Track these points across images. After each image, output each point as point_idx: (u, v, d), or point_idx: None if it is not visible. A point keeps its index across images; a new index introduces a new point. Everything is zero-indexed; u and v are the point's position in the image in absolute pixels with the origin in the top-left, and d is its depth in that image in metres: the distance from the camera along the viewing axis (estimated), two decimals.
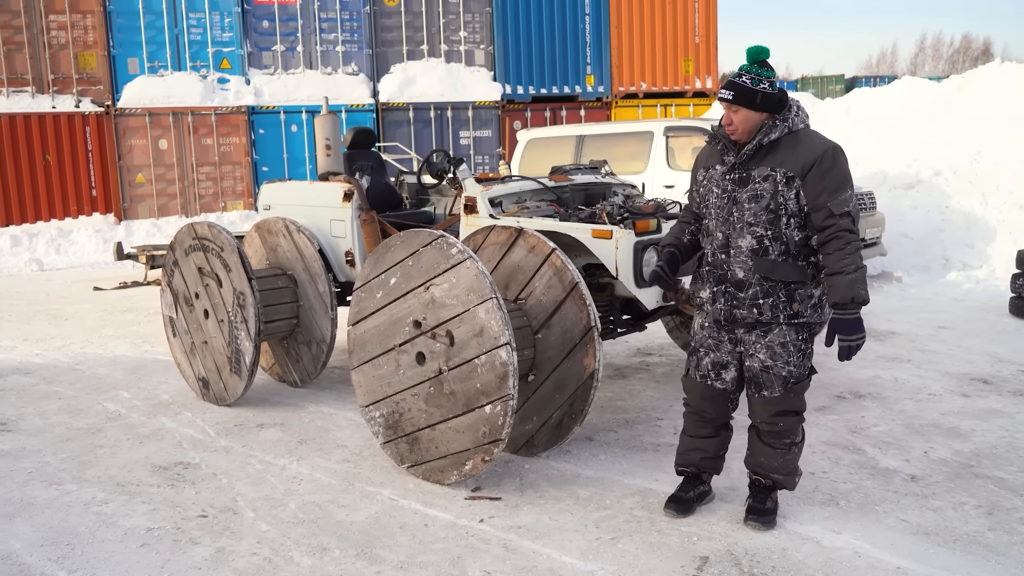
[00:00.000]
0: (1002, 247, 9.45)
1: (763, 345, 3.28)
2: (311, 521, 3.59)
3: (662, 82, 16.65)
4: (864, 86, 29.62)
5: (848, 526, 3.39)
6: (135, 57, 14.49)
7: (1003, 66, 12.55)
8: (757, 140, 3.20)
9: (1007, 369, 5.67)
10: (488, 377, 3.61)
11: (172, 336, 5.67)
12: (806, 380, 3.33)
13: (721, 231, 3.30)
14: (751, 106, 3.18)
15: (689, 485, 3.58)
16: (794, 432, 3.36)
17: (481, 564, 3.16)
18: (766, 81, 3.20)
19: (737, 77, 3.23)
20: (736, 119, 3.21)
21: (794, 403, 3.31)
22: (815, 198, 3.12)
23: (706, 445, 3.52)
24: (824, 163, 3.12)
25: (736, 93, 3.19)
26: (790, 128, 3.20)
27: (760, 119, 3.21)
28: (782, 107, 3.22)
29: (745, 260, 3.24)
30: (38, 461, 4.43)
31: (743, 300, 3.26)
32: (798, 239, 3.20)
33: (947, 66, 56.65)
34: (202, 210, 14.68)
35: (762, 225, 3.20)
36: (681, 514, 3.49)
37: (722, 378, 3.41)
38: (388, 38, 15.58)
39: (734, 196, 3.25)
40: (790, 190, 3.15)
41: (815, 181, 3.12)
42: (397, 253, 3.98)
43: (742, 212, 3.23)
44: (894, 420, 4.67)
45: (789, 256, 3.22)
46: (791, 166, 3.15)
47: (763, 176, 3.19)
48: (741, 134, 3.23)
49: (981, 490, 3.72)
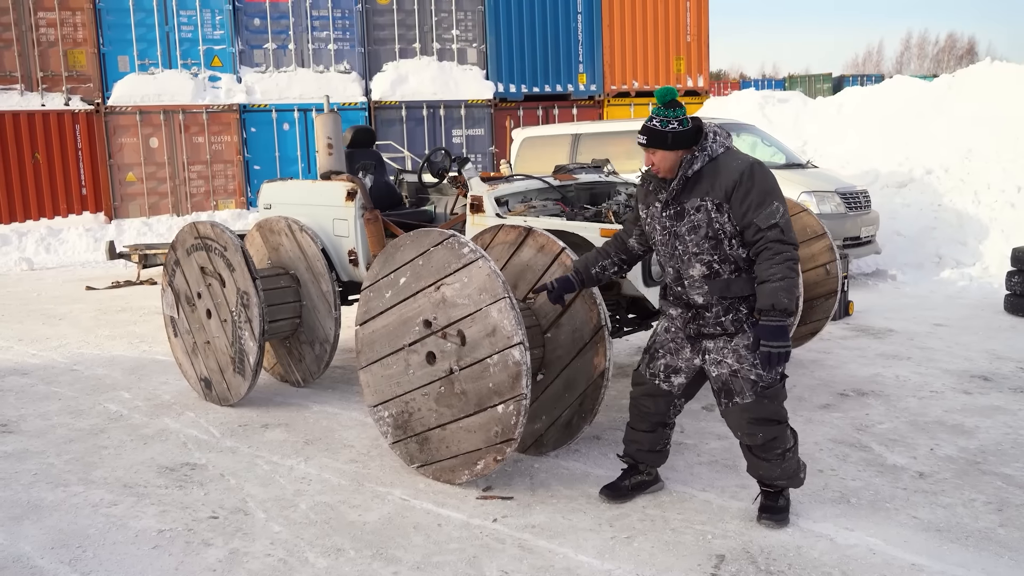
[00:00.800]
0: (995, 245, 9.53)
1: (730, 350, 3.34)
2: (323, 522, 3.57)
3: (654, 81, 16.68)
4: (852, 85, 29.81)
5: (860, 523, 3.41)
6: (125, 55, 14.38)
7: (993, 65, 12.64)
8: (681, 175, 3.30)
9: (1006, 366, 5.71)
10: (501, 376, 3.61)
11: (173, 336, 5.64)
12: (778, 386, 3.34)
13: (671, 266, 3.43)
14: (664, 147, 3.29)
15: (627, 474, 3.72)
16: (782, 440, 3.36)
17: (498, 564, 3.16)
18: (675, 120, 3.29)
19: (649, 121, 3.35)
20: (656, 160, 3.33)
21: (769, 410, 3.32)
22: (742, 217, 3.21)
23: (642, 439, 3.63)
24: (744, 183, 3.21)
25: (649, 137, 3.32)
26: (710, 155, 3.30)
27: (678, 156, 3.31)
28: (699, 138, 3.30)
29: (700, 286, 3.35)
30: (42, 462, 4.39)
31: (708, 320, 3.36)
32: (744, 256, 3.29)
33: (932, 65, 57.06)
34: (193, 209, 14.59)
35: (707, 252, 3.30)
36: (614, 500, 3.64)
37: (671, 381, 3.51)
38: (380, 36, 15.54)
39: (674, 231, 3.36)
40: (722, 215, 3.25)
41: (739, 202, 3.21)
42: (407, 252, 3.97)
43: (685, 245, 3.33)
44: (898, 417, 4.70)
45: (740, 272, 3.31)
46: (717, 192, 3.24)
47: (695, 207, 3.29)
48: (665, 172, 3.34)
49: (989, 487, 3.75)
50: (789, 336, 3.19)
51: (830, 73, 37.99)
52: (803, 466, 3.51)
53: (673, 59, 16.66)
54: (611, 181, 5.48)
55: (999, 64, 12.59)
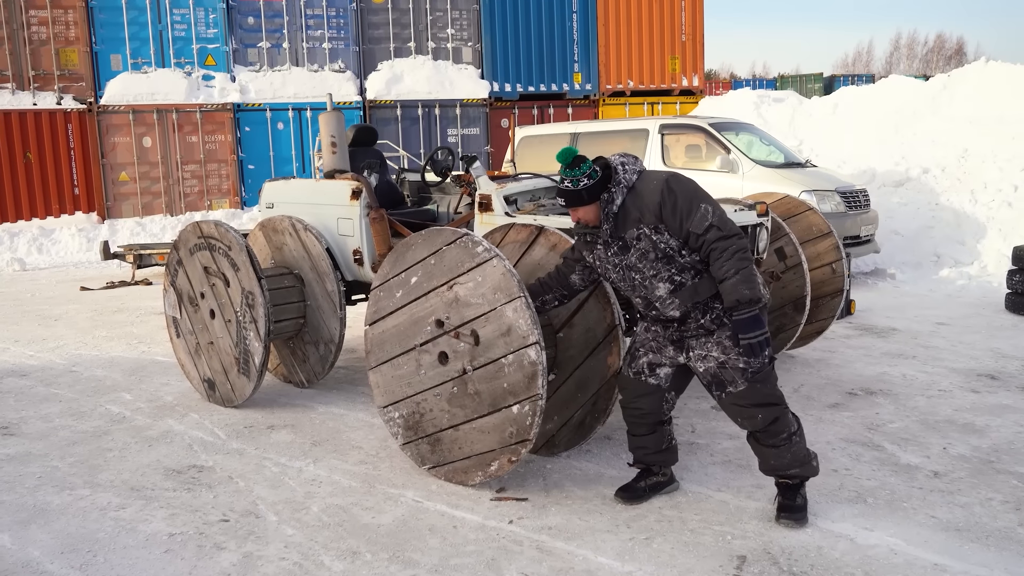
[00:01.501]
0: (992, 244, 9.56)
1: (713, 343, 3.36)
2: (337, 524, 3.53)
3: (649, 80, 16.68)
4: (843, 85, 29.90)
5: (879, 523, 3.39)
6: (118, 54, 14.26)
7: (987, 65, 12.68)
8: (606, 215, 3.36)
9: (1012, 365, 5.72)
10: (516, 377, 3.57)
11: (176, 337, 5.57)
12: (767, 368, 3.35)
13: (638, 297, 3.46)
14: (583, 203, 3.39)
15: (641, 476, 3.71)
16: (784, 424, 3.37)
17: (517, 566, 3.12)
18: (584, 177, 3.36)
19: (561, 183, 3.40)
20: (580, 215, 3.41)
21: (763, 393, 3.34)
22: (679, 231, 3.27)
23: (646, 442, 3.63)
24: (667, 199, 3.27)
25: (567, 199, 3.41)
26: (627, 186, 3.36)
27: (595, 209, 3.37)
28: (609, 179, 3.35)
29: (671, 301, 3.37)
30: (46, 465, 4.33)
31: (689, 327, 3.39)
32: (699, 258, 3.33)
33: (921, 65, 57.34)
34: (187, 209, 14.49)
35: (664, 270, 3.34)
36: (629, 502, 3.63)
37: (656, 374, 3.52)
38: (375, 35, 15.47)
39: (625, 264, 3.40)
40: (662, 235, 3.30)
41: (670, 217, 3.27)
42: (418, 252, 3.93)
43: (642, 272, 3.38)
44: (908, 416, 4.69)
45: (700, 274, 3.34)
46: (647, 217, 3.30)
47: (634, 237, 3.35)
48: (595, 221, 3.41)
49: (1005, 485, 3.74)
50: (764, 322, 3.24)
51: (821, 73, 38.09)
52: (813, 455, 3.49)
53: (668, 58, 16.66)
54: None
55: (993, 64, 12.65)
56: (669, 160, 9.38)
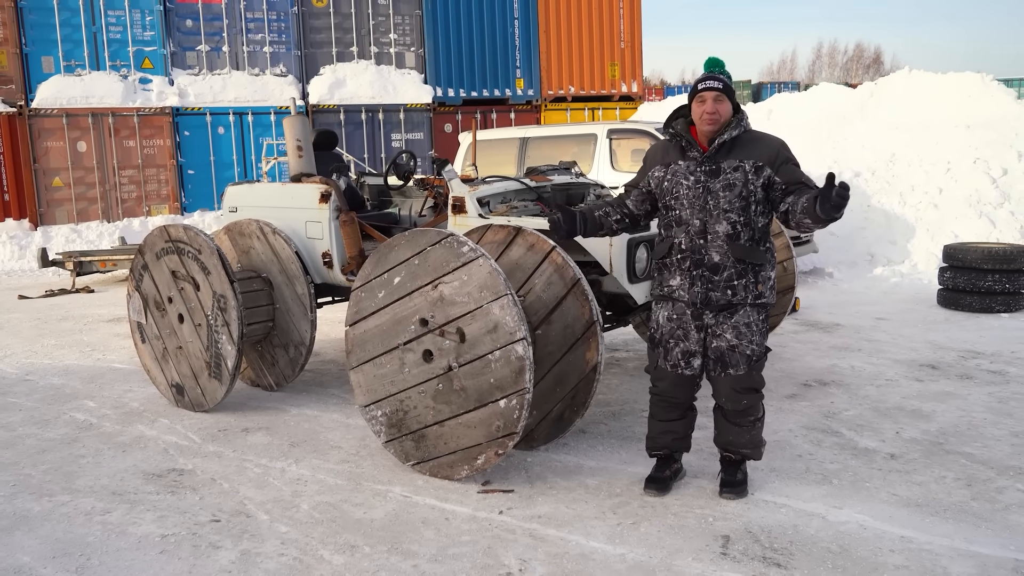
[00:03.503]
0: (921, 243, 10.08)
1: (729, 326, 3.57)
2: (330, 520, 3.59)
3: (589, 86, 16.98)
4: (771, 92, 30.90)
5: (847, 502, 3.62)
6: (50, 55, 13.84)
7: (911, 74, 13.34)
8: (726, 135, 3.53)
9: (948, 355, 6.09)
10: (503, 372, 3.69)
11: (140, 342, 5.51)
12: (764, 358, 3.64)
13: (698, 218, 3.58)
14: (731, 99, 3.56)
15: (664, 465, 3.85)
16: (756, 409, 3.66)
17: (514, 552, 3.24)
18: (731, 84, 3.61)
19: (713, 75, 3.57)
20: (721, 109, 3.54)
21: (755, 380, 3.61)
22: (790, 175, 3.50)
23: (676, 427, 3.79)
24: (783, 153, 3.56)
25: (724, 85, 3.55)
26: (745, 128, 3.59)
27: (731, 114, 3.57)
28: (738, 110, 3.60)
29: (721, 244, 3.54)
30: (17, 473, 4.26)
31: (718, 283, 3.56)
32: (761, 225, 3.57)
33: (842, 73, 59.53)
34: (125, 215, 14.14)
35: (736, 211, 3.52)
36: (660, 492, 3.75)
37: (691, 365, 3.68)
38: (317, 39, 15.37)
39: (707, 186, 3.56)
40: (759, 178, 3.51)
41: (786, 169, 3.51)
42: (402, 252, 4.01)
43: (717, 200, 3.54)
44: (861, 405, 4.98)
45: (755, 242, 3.56)
46: (758, 157, 3.52)
47: (733, 167, 3.54)
48: (720, 125, 3.55)
49: (955, 464, 4.02)
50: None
51: (749, 80, 39.19)
52: (764, 442, 3.76)
53: (608, 65, 16.99)
54: (584, 182, 5.62)
55: (917, 73, 13.31)
56: (616, 164, 9.61)
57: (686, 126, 3.62)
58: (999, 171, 10.64)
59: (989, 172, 10.64)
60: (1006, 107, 12.03)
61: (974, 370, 5.67)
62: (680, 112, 3.67)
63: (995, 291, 7.50)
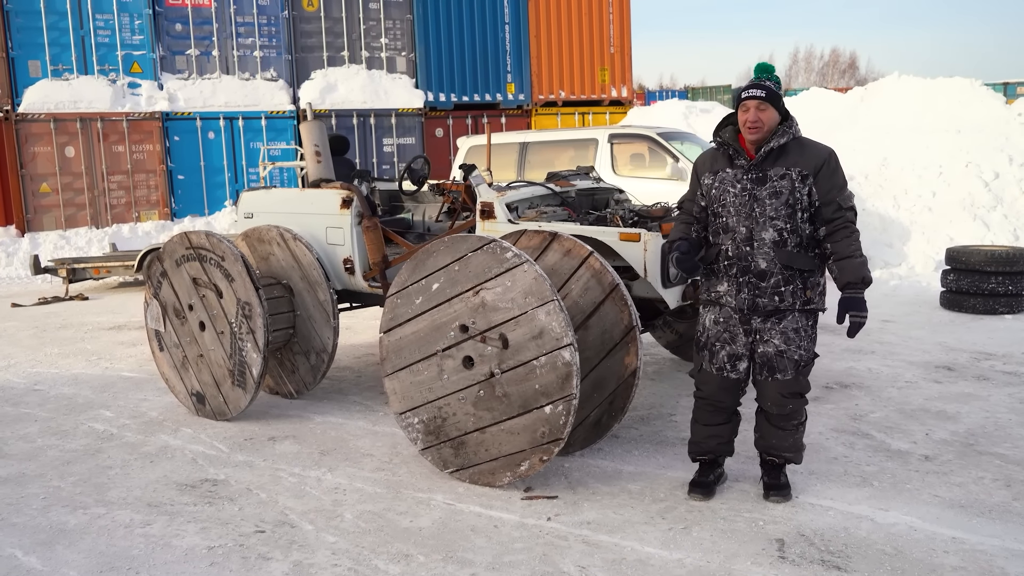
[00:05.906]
0: (917, 246, 10.21)
1: (778, 331, 3.58)
2: (377, 530, 3.55)
3: (580, 91, 17.03)
4: None
5: (891, 504, 3.64)
6: (37, 59, 13.63)
7: (900, 79, 13.52)
8: (773, 143, 3.53)
9: (962, 357, 6.16)
10: (549, 378, 3.68)
11: (159, 350, 5.43)
12: (812, 363, 3.65)
13: (744, 225, 3.59)
14: (777, 107, 3.55)
15: (708, 469, 3.85)
16: (800, 413, 3.68)
17: (571, 559, 3.23)
18: (779, 90, 3.58)
19: (760, 82, 3.58)
20: (764, 117, 3.53)
21: (802, 385, 3.62)
22: (827, 193, 3.49)
23: (721, 431, 3.79)
24: (831, 164, 3.53)
25: (768, 92, 3.54)
26: (794, 135, 3.57)
27: (777, 121, 3.56)
28: (787, 117, 3.59)
29: (768, 251, 3.55)
30: (46, 486, 4.18)
31: (765, 289, 3.57)
32: (808, 232, 3.56)
33: (818, 78, 60.15)
34: (114, 221, 13.95)
35: (782, 219, 3.53)
36: (705, 497, 3.75)
37: (737, 369, 3.68)
38: (308, 44, 15.28)
39: (754, 193, 3.57)
40: (804, 186, 3.51)
41: (826, 179, 3.50)
42: (441, 258, 3.99)
43: (763, 207, 3.55)
44: (886, 407, 5.02)
45: (802, 248, 3.56)
46: (804, 166, 3.51)
47: (779, 175, 3.54)
48: (764, 133, 3.54)
49: (991, 465, 4.06)
50: (867, 307, 3.50)
51: (729, 85, 39.46)
52: (804, 446, 3.78)
53: (598, 69, 17.05)
54: (606, 187, 5.62)
55: (906, 78, 13.49)
56: (617, 168, 9.64)
57: (734, 134, 3.64)
58: (991, 175, 10.80)
59: (981, 176, 10.80)
60: (995, 111, 12.21)
61: (989, 371, 5.74)
62: (729, 120, 3.68)
63: (998, 293, 7.60)
